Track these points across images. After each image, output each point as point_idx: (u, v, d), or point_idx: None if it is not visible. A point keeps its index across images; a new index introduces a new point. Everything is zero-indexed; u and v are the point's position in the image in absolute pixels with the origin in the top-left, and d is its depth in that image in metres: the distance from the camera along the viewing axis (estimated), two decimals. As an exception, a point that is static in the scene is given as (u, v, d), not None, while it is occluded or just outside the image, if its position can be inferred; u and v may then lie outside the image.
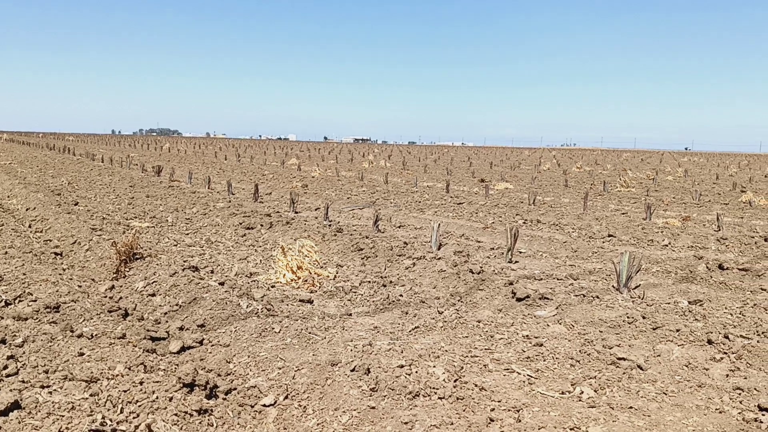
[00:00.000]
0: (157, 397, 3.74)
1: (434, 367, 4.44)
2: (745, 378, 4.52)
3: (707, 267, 8.33)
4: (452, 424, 3.59)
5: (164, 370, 4.43)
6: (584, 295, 6.60)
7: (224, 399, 4.05)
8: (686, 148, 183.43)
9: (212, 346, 5.06)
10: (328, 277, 7.42)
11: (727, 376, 4.55)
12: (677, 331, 5.43)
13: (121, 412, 3.58)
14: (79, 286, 6.94)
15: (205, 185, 18.27)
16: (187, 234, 10.37)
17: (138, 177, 20.94)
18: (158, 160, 35.55)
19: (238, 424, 3.77)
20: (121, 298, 6.62)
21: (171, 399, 3.74)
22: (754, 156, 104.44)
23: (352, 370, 4.27)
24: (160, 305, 6.19)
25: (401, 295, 6.72)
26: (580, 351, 4.85)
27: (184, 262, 7.72)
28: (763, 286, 7.40)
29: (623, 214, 14.40)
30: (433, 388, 4.04)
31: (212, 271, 7.44)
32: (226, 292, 6.23)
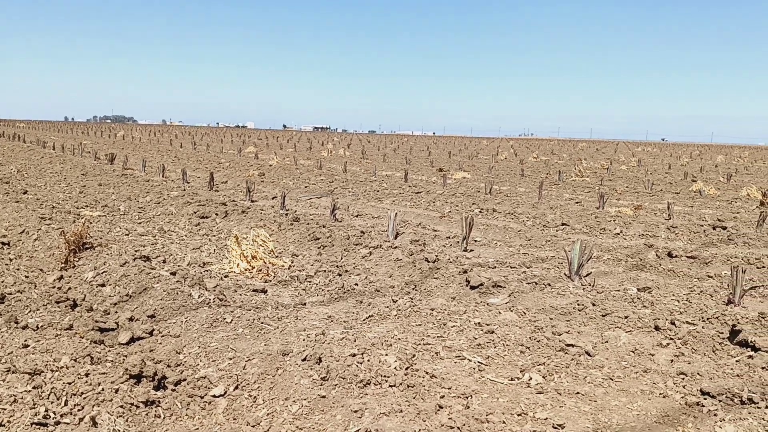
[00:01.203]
0: (103, 389, 3.67)
1: (386, 355, 4.45)
2: (689, 363, 4.64)
3: (657, 255, 8.52)
4: (401, 411, 3.60)
5: (112, 361, 4.35)
6: (536, 283, 6.69)
7: (173, 390, 4.00)
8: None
9: (162, 336, 4.99)
10: (283, 266, 7.38)
11: (672, 361, 4.66)
12: (626, 317, 5.54)
13: (66, 404, 3.51)
14: (26, 277, 6.77)
15: (160, 173, 17.98)
16: (140, 223, 10.20)
17: (90, 165, 20.49)
18: (112, 147, 34.83)
19: (187, 415, 3.73)
20: (69, 288, 6.48)
21: (117, 391, 3.67)
22: (705, 146, 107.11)
23: (304, 360, 4.26)
24: (110, 296, 6.08)
25: (356, 284, 6.72)
26: (530, 338, 4.92)
27: (136, 251, 7.59)
28: (710, 273, 7.60)
29: (577, 203, 14.63)
30: (385, 376, 4.06)
31: (164, 261, 7.33)
32: (177, 282, 6.14)
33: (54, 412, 3.40)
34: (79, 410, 3.46)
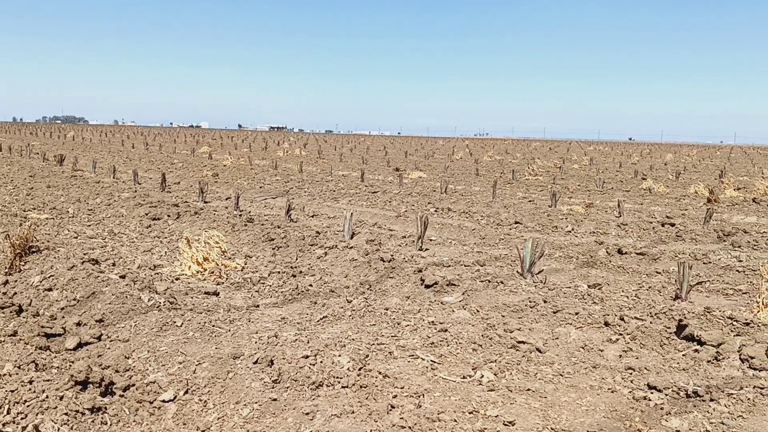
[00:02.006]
0: (47, 396, 3.57)
1: (340, 356, 4.43)
2: (637, 358, 4.73)
3: (607, 252, 8.68)
4: (353, 412, 3.59)
5: (58, 367, 4.24)
6: (490, 281, 6.74)
7: (121, 396, 3.91)
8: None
9: (111, 341, 4.88)
10: (236, 268, 7.29)
11: (621, 356, 4.75)
12: (576, 314, 5.63)
13: (8, 413, 3.40)
14: (-32, 282, 6.54)
15: (111, 175, 17.61)
16: (89, 225, 9.98)
17: (39, 166, 19.97)
18: (61, 148, 33.99)
19: (134, 421, 3.65)
20: (15, 293, 6.28)
21: (62, 398, 3.58)
22: (655, 145, 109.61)
23: (255, 363, 4.21)
24: (57, 300, 5.93)
25: (311, 285, 6.68)
26: (482, 335, 4.95)
27: (85, 254, 7.42)
28: (659, 269, 7.77)
29: (530, 201, 14.82)
30: (337, 377, 4.04)
31: (114, 264, 7.18)
32: (127, 285, 6.02)
33: (-6, 422, 3.30)
34: (22, 419, 3.36)
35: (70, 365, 4.28)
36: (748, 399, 3.91)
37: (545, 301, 5.96)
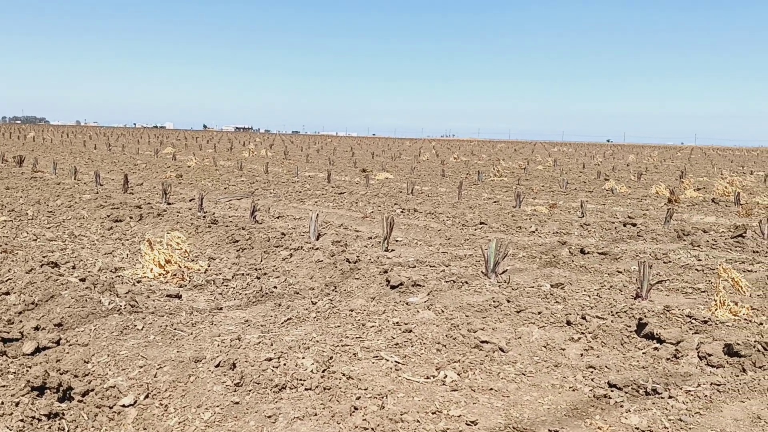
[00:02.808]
0: (2, 403, 3.49)
1: (303, 358, 4.40)
2: (598, 356, 4.80)
3: (570, 251, 8.79)
4: (316, 414, 3.57)
5: (14, 373, 4.14)
6: (454, 281, 6.78)
7: (80, 401, 3.84)
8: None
9: (70, 345, 4.78)
10: (199, 270, 7.21)
11: (582, 355, 4.82)
12: (539, 313, 5.68)
13: (-40, 421, 3.31)
14: None
15: (72, 176, 17.29)
16: (49, 228, 9.78)
17: (-4, 167, 19.52)
18: (21, 149, 33.26)
19: (93, 426, 3.59)
20: (-30, 298, 6.13)
21: (18, 404, 3.50)
22: (618, 146, 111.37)
23: (217, 366, 4.17)
24: (14, 304, 5.78)
25: (275, 287, 6.64)
26: (446, 336, 4.97)
27: (44, 257, 7.27)
28: (620, 268, 7.90)
29: (495, 202, 14.94)
30: (300, 379, 4.01)
31: (74, 267, 7.05)
32: (87, 288, 5.91)
33: (-54, 430, 3.21)
34: (-26, 427, 3.28)
35: (27, 370, 4.18)
36: (705, 395, 3.99)
37: (509, 301, 6.01)
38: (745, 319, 5.65)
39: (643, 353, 4.84)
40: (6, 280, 6.38)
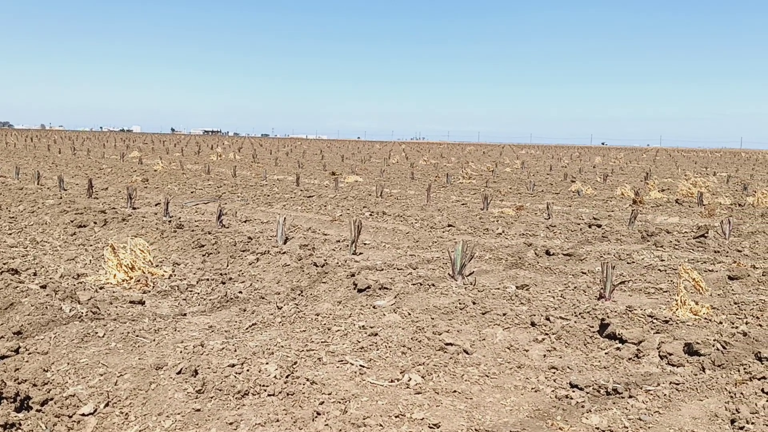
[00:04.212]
0: (-45, 415, 3.40)
1: (267, 363, 4.38)
2: (561, 357, 4.84)
3: (536, 253, 8.86)
4: (278, 420, 3.55)
5: (-30, 384, 4.05)
6: (421, 284, 6.79)
7: (39, 411, 3.77)
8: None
9: (29, 354, 4.69)
10: (163, 275, 7.13)
11: (545, 356, 4.86)
12: (504, 314, 5.72)
13: None
14: None
15: (35, 181, 16.97)
16: (10, 234, 9.58)
17: (-44, 173, 19.10)
18: (-18, 153, 32.59)
19: (51, 437, 3.52)
20: (-75, 306, 5.98)
21: (-29, 416, 3.42)
22: (585, 148, 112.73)
23: (179, 373, 4.12)
24: (-29, 313, 5.66)
25: (241, 292, 6.59)
26: (412, 338, 4.98)
27: (4, 264, 7.13)
28: (584, 269, 7.98)
29: (463, 204, 15.01)
30: (263, 385, 3.99)
31: (35, 274, 6.92)
32: (47, 295, 5.81)
33: None
34: (-75, 440, 3.20)
35: (-16, 381, 4.10)
36: (665, 395, 4.05)
37: (474, 303, 6.04)
38: (705, 319, 5.76)
39: (606, 353, 4.90)
40: (-36, 288, 6.23)
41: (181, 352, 4.61)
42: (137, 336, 4.94)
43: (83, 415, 3.77)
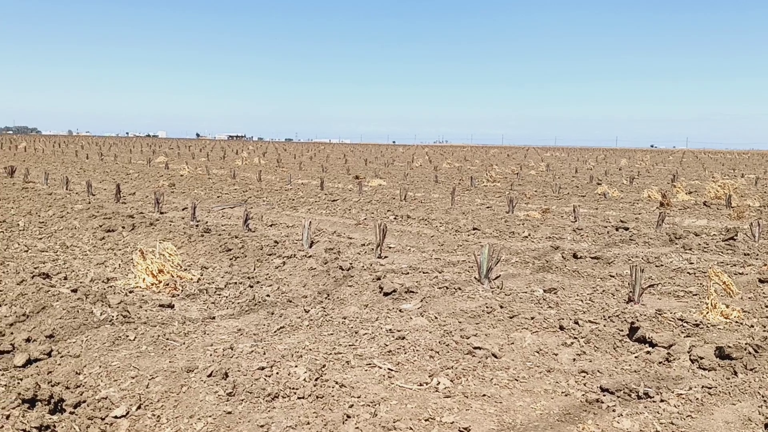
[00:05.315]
0: (-8, 416, 3.47)
1: (296, 366, 4.40)
2: (591, 361, 4.81)
3: (563, 256, 8.80)
4: (308, 423, 3.57)
5: (5, 385, 4.12)
6: (447, 287, 6.78)
7: (71, 413, 3.83)
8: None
9: (62, 357, 4.77)
10: (191, 279, 7.20)
11: (575, 360, 4.82)
12: (532, 318, 5.69)
13: (-50, 435, 3.30)
14: None
15: (63, 186, 17.24)
16: (41, 239, 9.75)
17: (-12, 178, 19.45)
18: (12, 160, 33.15)
19: (85, 439, 3.57)
20: (-39, 310, 6.10)
21: (8, 417, 3.48)
22: (610, 150, 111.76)
23: (210, 376, 4.16)
24: (5, 316, 5.76)
25: (268, 295, 6.63)
26: (439, 342, 4.98)
27: (35, 269, 7.25)
28: (612, 272, 7.92)
29: (488, 207, 14.96)
30: (293, 388, 4.01)
31: (66, 278, 7.03)
32: (78, 299, 5.89)
33: (-64, 444, 3.19)
34: (-35, 440, 3.26)
35: (19, 383, 4.17)
36: (697, 398, 4.00)
37: (502, 307, 6.02)
38: (736, 322, 5.68)
39: (635, 357, 4.85)
40: (-3, 292, 6.35)
41: (211, 355, 4.65)
42: (167, 339, 4.99)
43: (116, 417, 3.82)
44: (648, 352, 4.92)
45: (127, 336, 5.00)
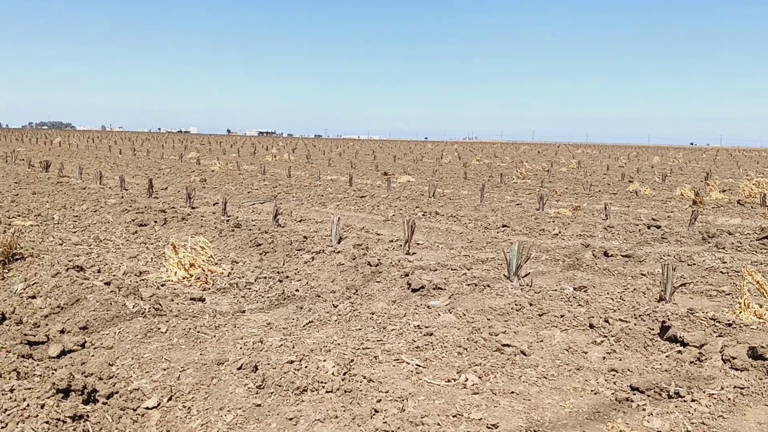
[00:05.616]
0: (28, 405, 3.54)
1: (325, 361, 4.43)
2: (621, 360, 4.76)
3: (593, 254, 8.72)
4: (337, 417, 3.60)
5: (40, 375, 4.21)
6: (476, 284, 6.76)
7: (104, 403, 3.90)
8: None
9: (95, 348, 4.86)
10: (222, 273, 7.28)
11: (605, 358, 4.78)
12: (561, 316, 5.65)
13: (-12, 422, 3.38)
14: (-49, 291, 6.50)
15: (97, 181, 17.53)
16: (75, 232, 9.93)
17: (24, 173, 19.85)
18: (47, 154, 33.79)
19: (117, 428, 3.64)
20: (-2, 301, 6.25)
21: (43, 406, 3.55)
22: (642, 147, 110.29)
23: (240, 368, 4.21)
24: (40, 308, 5.89)
25: (297, 290, 6.68)
26: (468, 339, 4.97)
27: (69, 261, 7.39)
28: (644, 271, 7.82)
29: (518, 204, 14.87)
30: (322, 382, 4.04)
31: (99, 271, 7.15)
32: (111, 292, 5.99)
33: (-25, 431, 3.28)
34: (2, 428, 3.34)
35: (53, 373, 4.26)
36: (729, 399, 3.94)
37: (531, 304, 5.98)
38: (771, 322, 5.57)
39: (666, 356, 4.80)
40: (32, 284, 6.48)
41: (241, 348, 4.70)
42: (198, 332, 5.06)
43: (147, 408, 3.89)
44: (679, 352, 4.85)
45: (159, 328, 5.07)
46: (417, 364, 4.49)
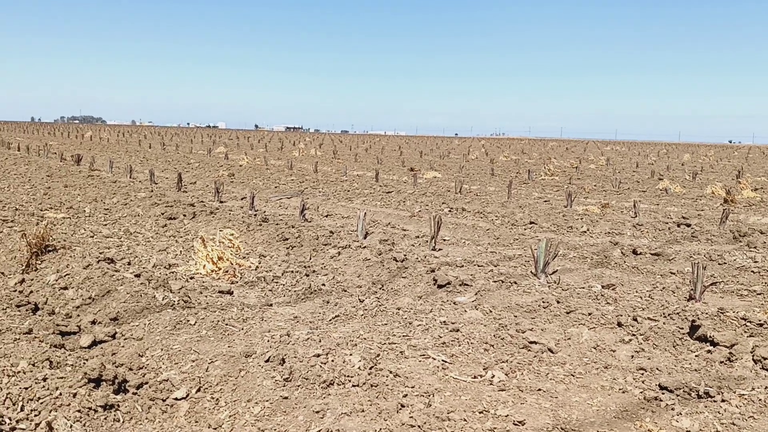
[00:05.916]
0: (60, 394, 3.62)
1: (351, 355, 4.45)
2: (649, 359, 4.71)
3: (622, 252, 8.63)
4: (363, 411, 3.61)
5: (72, 365, 4.29)
6: (503, 281, 6.73)
7: (134, 393, 3.96)
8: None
9: (125, 339, 4.94)
10: (250, 267, 7.34)
11: (633, 357, 4.73)
12: (589, 314, 5.61)
13: (22, 410, 3.45)
14: (-14, 281, 6.64)
15: (127, 174, 17.76)
16: (105, 225, 10.07)
17: (56, 166, 20.17)
18: (79, 148, 34.32)
19: (147, 418, 3.70)
20: (31, 292, 6.36)
21: (75, 395, 3.62)
22: (672, 145, 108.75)
23: (267, 361, 4.24)
24: (72, 299, 5.99)
25: (324, 285, 6.71)
26: (494, 335, 4.95)
27: (100, 253, 7.50)
28: (673, 269, 7.72)
29: (546, 201, 14.76)
30: (348, 376, 4.06)
31: (129, 263, 7.25)
32: (141, 284, 6.08)
33: (9, 418, 3.35)
34: (35, 415, 3.41)
35: (84, 363, 4.33)
36: (760, 399, 3.88)
37: (558, 302, 5.94)
38: (805, 323, 5.47)
39: (696, 356, 4.74)
40: (65, 275, 6.60)
41: (268, 341, 4.74)
42: (226, 324, 5.11)
43: (176, 399, 3.94)
44: (709, 351, 4.79)
45: (188, 321, 5.14)
46: (443, 360, 4.49)
